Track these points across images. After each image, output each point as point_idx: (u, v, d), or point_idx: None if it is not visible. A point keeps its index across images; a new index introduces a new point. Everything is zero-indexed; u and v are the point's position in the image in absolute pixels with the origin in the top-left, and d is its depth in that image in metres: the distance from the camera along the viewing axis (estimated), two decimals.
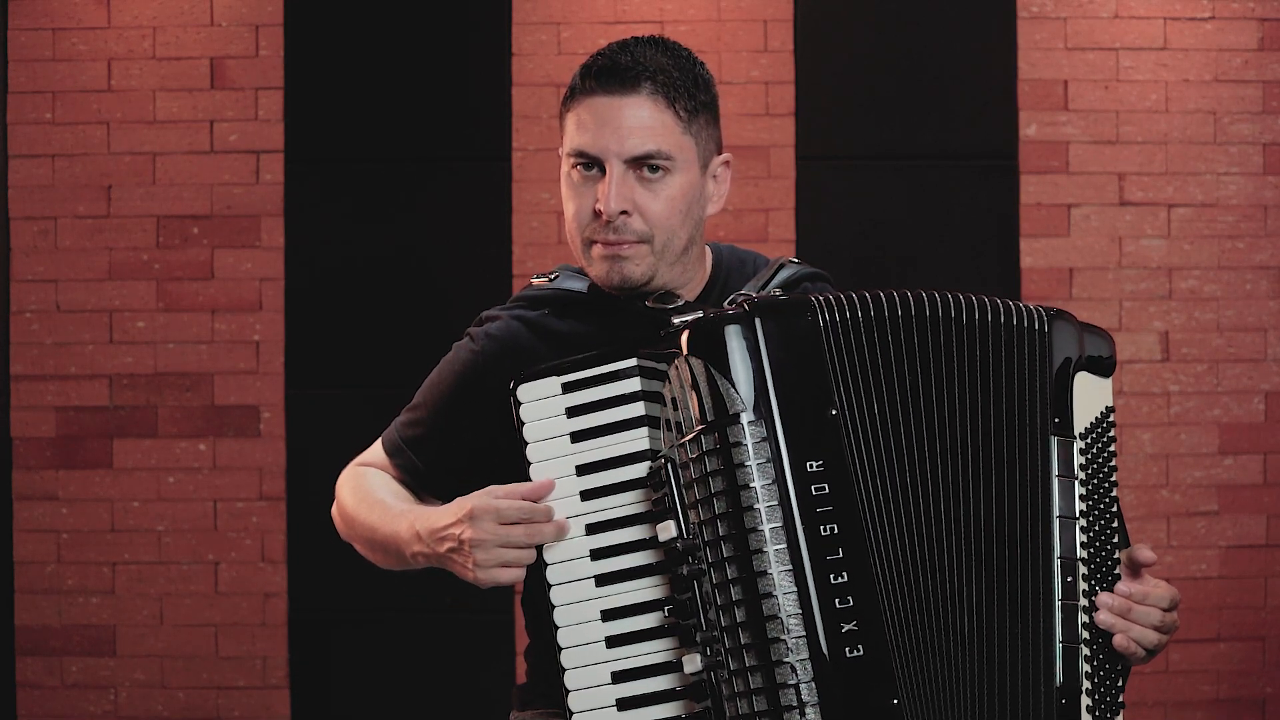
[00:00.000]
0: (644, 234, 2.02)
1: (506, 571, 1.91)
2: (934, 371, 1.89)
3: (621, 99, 2.00)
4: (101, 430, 4.68)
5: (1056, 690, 1.87)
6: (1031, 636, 1.87)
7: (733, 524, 1.82)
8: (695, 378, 1.85)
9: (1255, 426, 4.65)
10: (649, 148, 2.00)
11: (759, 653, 1.80)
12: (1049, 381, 1.92)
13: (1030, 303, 1.96)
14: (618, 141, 2.00)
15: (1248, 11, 4.66)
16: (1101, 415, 1.95)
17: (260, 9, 4.69)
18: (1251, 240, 4.66)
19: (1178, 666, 4.63)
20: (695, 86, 2.04)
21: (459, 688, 4.63)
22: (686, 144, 2.03)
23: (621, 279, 2.04)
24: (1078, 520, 1.90)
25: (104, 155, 4.69)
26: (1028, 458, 1.90)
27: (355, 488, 2.20)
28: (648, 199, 2.02)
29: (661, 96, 2.01)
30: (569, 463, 1.94)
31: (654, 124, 2.00)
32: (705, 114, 2.06)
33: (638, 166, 2.01)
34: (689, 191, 2.04)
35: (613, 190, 2.00)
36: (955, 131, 4.65)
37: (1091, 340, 1.97)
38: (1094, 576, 1.91)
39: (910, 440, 1.87)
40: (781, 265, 2.15)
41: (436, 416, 2.16)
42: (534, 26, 4.67)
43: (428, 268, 4.67)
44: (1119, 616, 1.90)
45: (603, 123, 2.01)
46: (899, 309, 1.90)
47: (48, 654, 4.68)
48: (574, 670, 1.91)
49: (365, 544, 2.17)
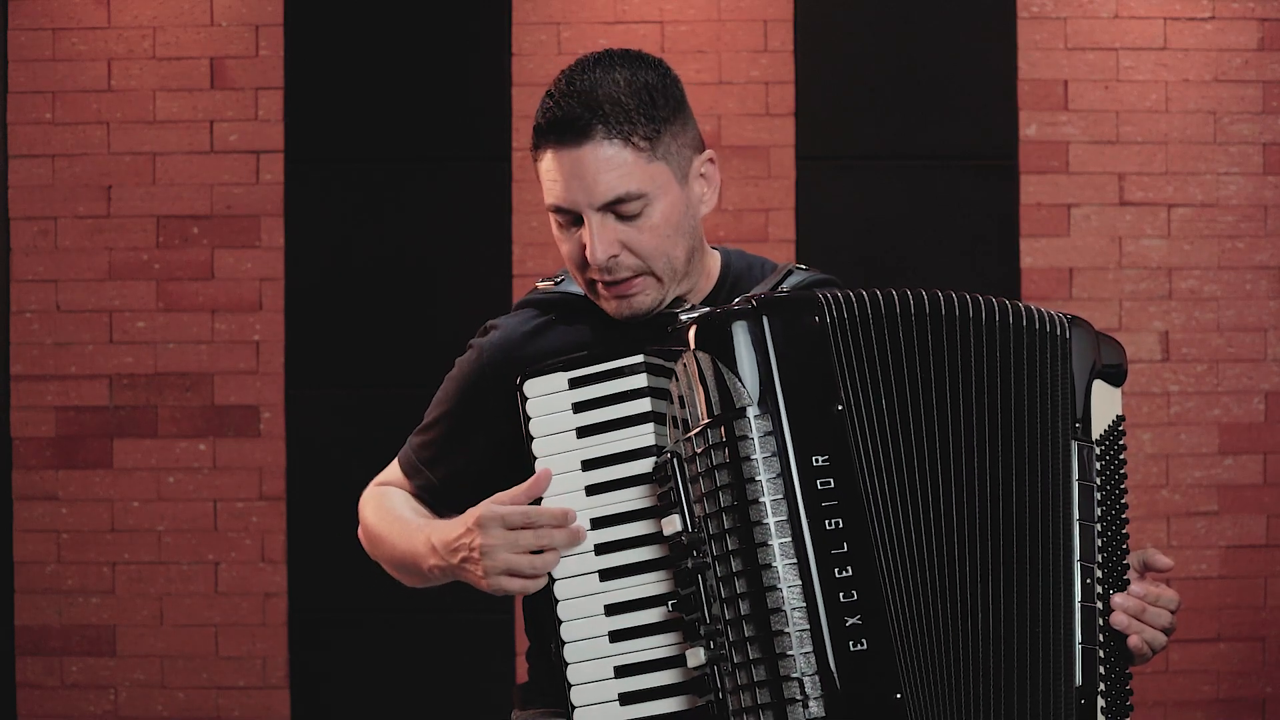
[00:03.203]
0: (640, 268, 2.01)
1: (515, 580, 1.90)
2: (949, 370, 1.89)
3: (578, 149, 1.97)
4: (101, 430, 4.68)
5: (1077, 691, 1.88)
6: (1052, 637, 1.87)
7: (738, 517, 1.81)
8: (702, 372, 1.85)
9: (1255, 426, 4.66)
10: (618, 191, 1.97)
11: (763, 646, 1.79)
12: (1070, 386, 1.94)
13: (1045, 307, 1.96)
14: (585, 193, 1.98)
15: (1248, 11, 4.66)
16: (1114, 424, 1.97)
17: (260, 9, 4.69)
18: (1251, 240, 4.66)
19: (1178, 666, 4.63)
20: (652, 106, 1.98)
21: (459, 688, 4.63)
22: (657, 170, 1.99)
23: (632, 312, 2.04)
24: (1095, 525, 1.91)
25: (104, 155, 4.69)
26: (1049, 460, 1.91)
27: (377, 507, 2.20)
28: (633, 235, 2.00)
29: (616, 137, 1.96)
30: (575, 458, 1.93)
31: (617, 165, 1.97)
32: (670, 127, 2.00)
33: (613, 210, 1.99)
34: (672, 213, 2.01)
35: (595, 240, 1.98)
36: (955, 131, 4.65)
37: (1107, 349, 1.99)
38: (1108, 579, 1.92)
39: (920, 437, 1.87)
40: (790, 271, 2.14)
41: (448, 433, 2.16)
42: (534, 26, 4.67)
43: (428, 268, 4.67)
44: (1133, 618, 1.92)
45: (568, 176, 1.98)
46: (910, 307, 1.90)
47: (48, 654, 4.68)
48: (577, 664, 1.91)
49: (390, 563, 2.17)
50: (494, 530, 1.89)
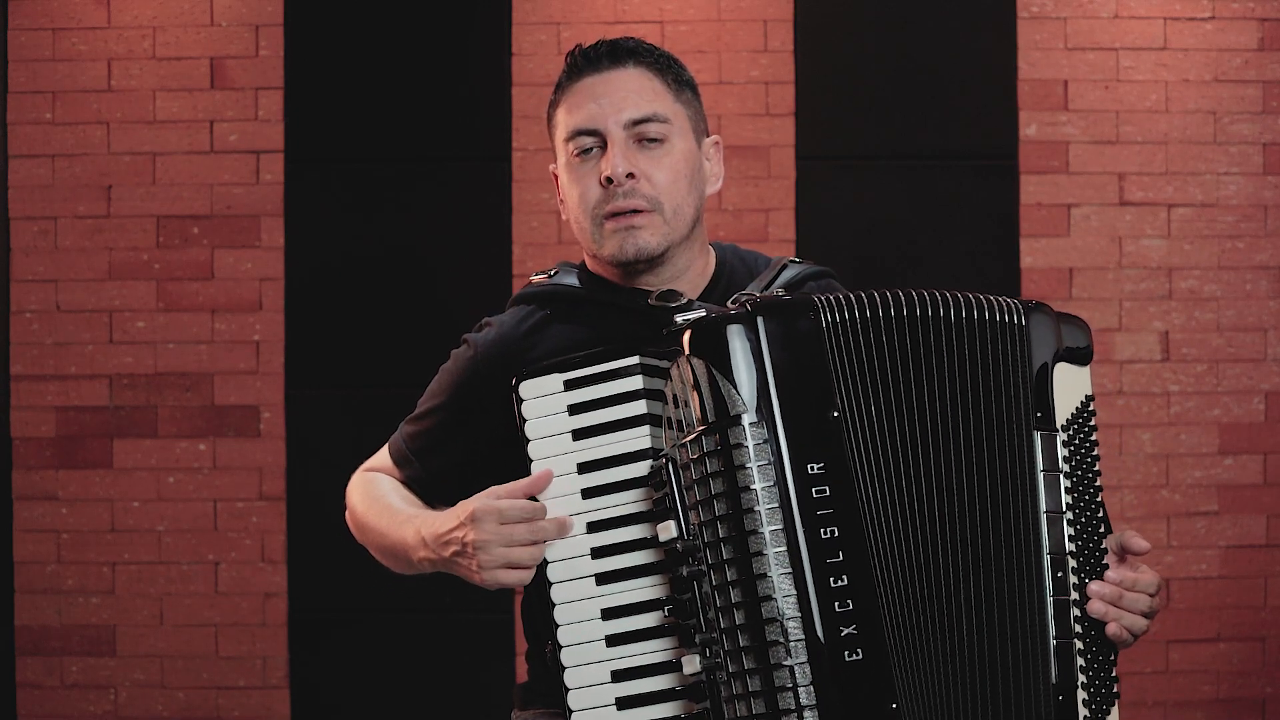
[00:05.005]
0: (653, 199, 2.04)
1: (511, 573, 1.90)
2: (925, 371, 1.89)
3: (610, 73, 2.07)
4: (101, 430, 4.68)
5: (1053, 687, 1.87)
6: (1025, 635, 1.87)
7: (733, 526, 1.81)
8: (697, 378, 1.85)
9: (1255, 426, 4.65)
10: (645, 110, 2.05)
11: (758, 655, 1.80)
12: (1029, 377, 1.92)
13: (1007, 297, 1.95)
14: (615, 109, 2.05)
15: (1248, 11, 4.66)
16: (1082, 405, 1.95)
17: (260, 9, 4.69)
18: (1251, 240, 4.66)
19: (1178, 666, 4.63)
20: (678, 66, 2.12)
21: (459, 688, 4.63)
22: (679, 111, 2.09)
23: (637, 250, 2.04)
24: (1064, 514, 1.90)
25: (104, 155, 4.69)
26: (1012, 455, 1.90)
27: (365, 494, 2.20)
28: (651, 166, 2.05)
29: (648, 67, 2.08)
30: (570, 460, 1.94)
31: (647, 89, 2.07)
32: (689, 92, 2.13)
33: (637, 135, 2.05)
34: (690, 160, 2.08)
35: (618, 155, 2.03)
36: (955, 131, 4.65)
37: (1069, 331, 1.97)
38: (1084, 568, 1.91)
39: (907, 441, 1.87)
40: (785, 265, 2.14)
41: (439, 425, 2.16)
42: (534, 26, 4.67)
43: (428, 267, 4.67)
44: (1111, 605, 1.91)
45: (597, 96, 2.05)
46: (900, 309, 1.89)
47: (48, 654, 4.68)
48: (574, 668, 1.91)
49: (377, 549, 2.17)
50: (488, 525, 1.89)
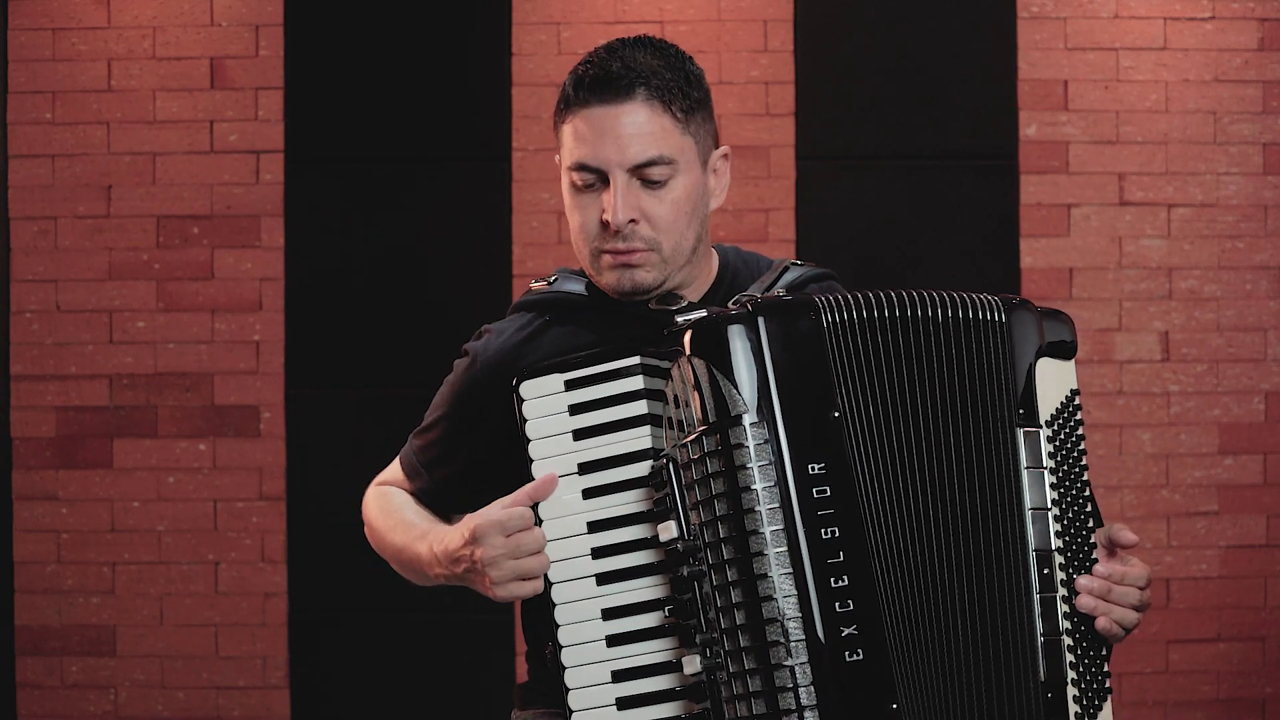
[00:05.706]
0: (652, 241, 2.00)
1: (525, 584, 1.89)
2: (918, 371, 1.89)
3: (617, 107, 1.98)
4: (101, 430, 4.68)
5: (1041, 685, 1.87)
6: (1014, 633, 1.87)
7: (734, 526, 1.81)
8: (698, 378, 1.84)
9: (1255, 426, 4.65)
10: (650, 154, 1.98)
11: (758, 656, 1.79)
12: (1011, 373, 1.91)
13: (988, 295, 1.95)
14: (618, 151, 1.98)
15: (1248, 11, 4.66)
16: (1067, 399, 1.95)
17: (260, 9, 4.69)
18: (1251, 240, 4.66)
19: (1178, 666, 4.63)
20: (688, 84, 2.02)
21: (459, 688, 4.63)
22: (686, 144, 2.01)
23: (633, 286, 2.02)
24: (1050, 510, 1.89)
25: (104, 155, 4.69)
26: (996, 452, 1.89)
27: (380, 509, 2.20)
28: (654, 205, 2.00)
29: (657, 100, 1.98)
30: (571, 460, 1.93)
31: (653, 129, 1.98)
32: (700, 111, 2.04)
33: (641, 174, 1.99)
34: (693, 192, 2.02)
35: (619, 201, 1.98)
36: (955, 131, 4.65)
37: (1051, 326, 1.96)
38: (1072, 563, 1.91)
39: (903, 441, 1.87)
40: (787, 267, 2.14)
41: (444, 436, 2.16)
42: (534, 26, 4.67)
43: (428, 267, 4.66)
44: (1099, 599, 1.90)
45: (601, 133, 1.98)
46: (898, 309, 1.90)
47: (48, 654, 4.68)
48: (574, 669, 1.91)
49: (396, 564, 2.17)
50: (493, 540, 1.88)
